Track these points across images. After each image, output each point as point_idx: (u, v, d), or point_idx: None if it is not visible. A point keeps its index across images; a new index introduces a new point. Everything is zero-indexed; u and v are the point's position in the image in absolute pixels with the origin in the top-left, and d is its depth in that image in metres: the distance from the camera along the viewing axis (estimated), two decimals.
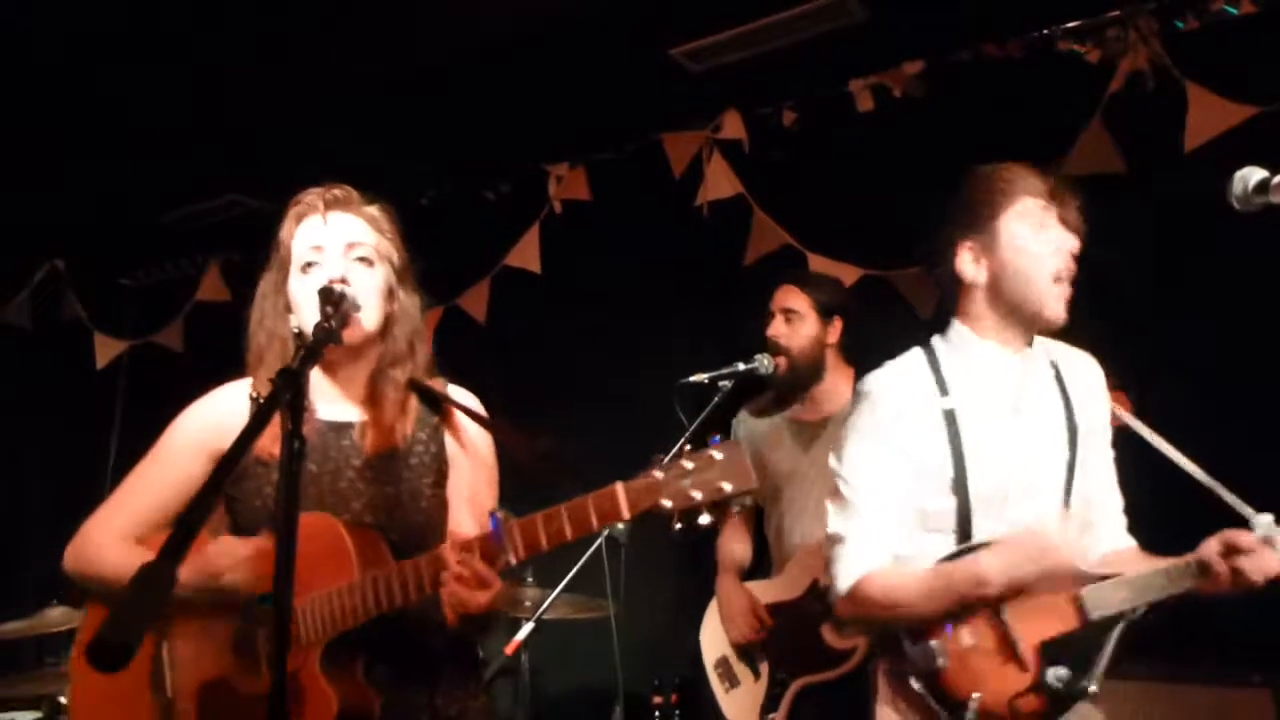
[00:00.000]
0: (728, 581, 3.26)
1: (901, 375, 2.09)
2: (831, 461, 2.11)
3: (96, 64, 3.82)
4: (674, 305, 4.07)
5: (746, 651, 3.18)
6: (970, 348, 2.07)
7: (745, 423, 3.35)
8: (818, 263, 3.73)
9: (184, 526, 1.16)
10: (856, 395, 2.11)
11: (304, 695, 1.64)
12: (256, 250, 2.03)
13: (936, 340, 2.13)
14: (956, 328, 2.10)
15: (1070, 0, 3.42)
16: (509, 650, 2.79)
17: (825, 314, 3.19)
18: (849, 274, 3.66)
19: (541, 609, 2.72)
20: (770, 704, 3.06)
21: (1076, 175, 3.29)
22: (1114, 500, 2.15)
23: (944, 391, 2.04)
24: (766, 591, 3.18)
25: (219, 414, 1.91)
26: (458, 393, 1.99)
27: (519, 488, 1.99)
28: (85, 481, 4.95)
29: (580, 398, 4.21)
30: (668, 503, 1.52)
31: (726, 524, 3.34)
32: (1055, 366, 2.11)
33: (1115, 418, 2.24)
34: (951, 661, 1.91)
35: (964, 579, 1.90)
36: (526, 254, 4.33)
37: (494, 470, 2.00)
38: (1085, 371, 2.15)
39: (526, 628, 2.74)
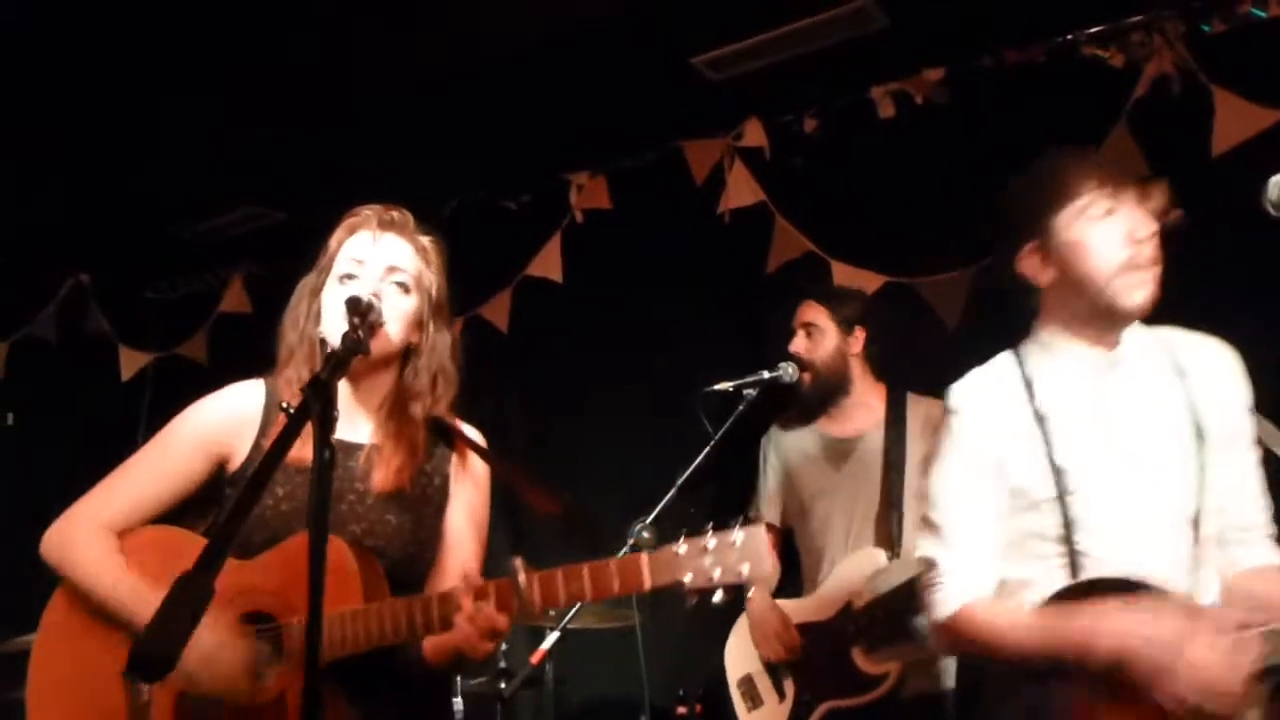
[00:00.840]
0: (760, 597, 3.20)
1: (986, 382, 1.94)
2: (922, 486, 1.99)
3: (119, 77, 3.84)
4: (696, 313, 4.06)
5: (773, 670, 3.14)
6: (1056, 348, 1.91)
7: (776, 438, 3.34)
8: (840, 270, 3.71)
9: (220, 538, 1.16)
10: (945, 411, 1.96)
11: (291, 717, 1.64)
12: (279, 262, 2.04)
13: (1025, 344, 1.97)
14: (1039, 330, 1.94)
15: (1094, 5, 3.39)
16: (534, 660, 2.79)
17: (846, 326, 3.19)
18: (872, 281, 3.64)
19: (566, 618, 2.71)
20: None
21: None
22: (1255, 509, 1.88)
23: (1032, 395, 1.88)
24: (797, 611, 3.14)
25: (226, 413, 1.91)
26: (469, 433, 1.98)
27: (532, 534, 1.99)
28: None
29: (603, 406, 4.20)
30: (688, 578, 1.55)
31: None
32: (1175, 360, 1.90)
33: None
34: (1077, 706, 1.70)
35: (1074, 640, 1.67)
36: (548, 263, 4.33)
37: (488, 508, 2.00)
38: (1215, 364, 1.91)
39: (551, 637, 2.73)
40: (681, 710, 3.52)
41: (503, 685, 3.31)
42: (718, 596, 1.56)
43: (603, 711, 3.85)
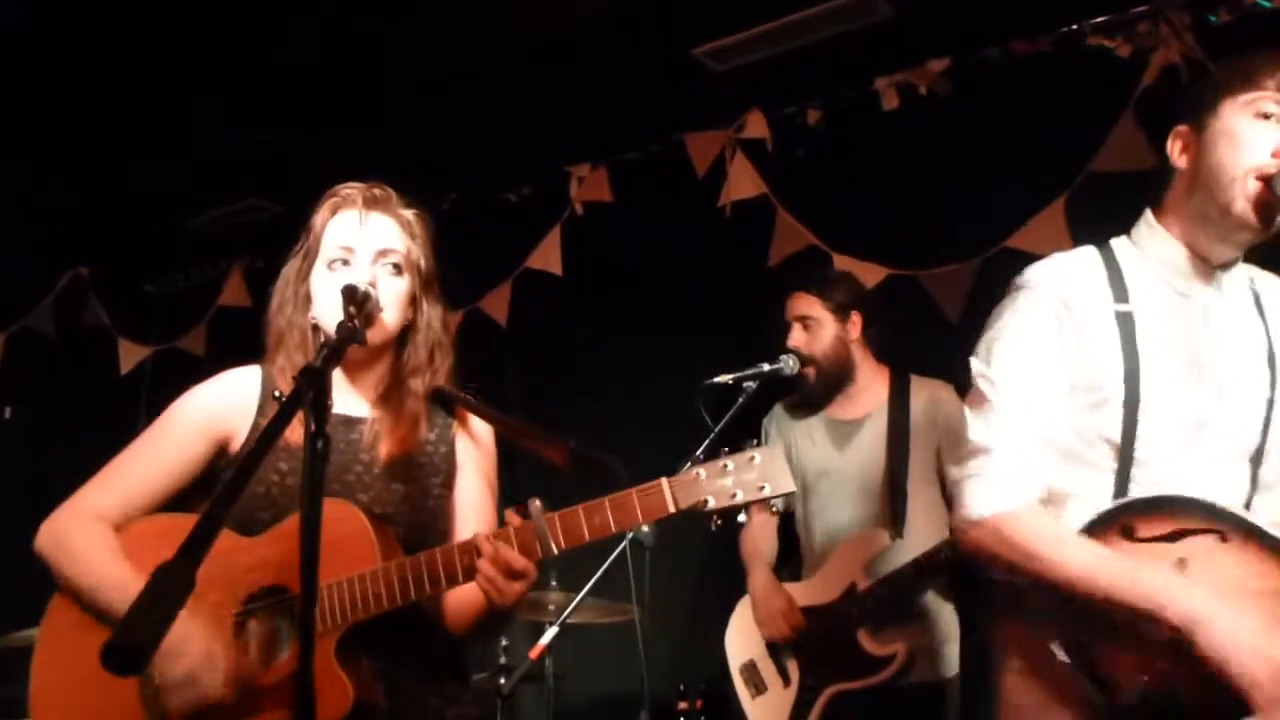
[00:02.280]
0: (763, 577, 3.17)
1: (1070, 268, 1.78)
2: (975, 363, 1.79)
3: (117, 72, 3.82)
4: (697, 306, 4.04)
5: (776, 655, 3.11)
6: (1158, 247, 1.77)
7: (779, 419, 3.32)
8: (843, 263, 3.67)
9: (204, 528, 1.12)
10: (1012, 287, 1.80)
11: (317, 685, 1.61)
12: (279, 255, 2.01)
13: (1117, 241, 1.83)
14: (1146, 222, 1.81)
15: None
16: (533, 655, 2.76)
17: (841, 313, 3.16)
18: (875, 274, 3.61)
19: (565, 613, 2.69)
20: (800, 711, 3.00)
21: (1107, 171, 3.26)
22: None
23: (1120, 296, 1.74)
24: (801, 594, 3.11)
25: (224, 397, 1.89)
26: (471, 401, 1.96)
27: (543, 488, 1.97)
28: None
29: (603, 400, 4.17)
30: (711, 500, 1.55)
31: (751, 519, 3.25)
32: (1255, 292, 1.81)
33: None
34: (1119, 634, 1.57)
35: (1145, 593, 1.53)
36: (548, 256, 4.30)
37: (495, 472, 1.99)
38: None
39: (550, 632, 2.70)
40: (682, 705, 3.50)
41: (502, 681, 3.29)
42: (741, 517, 1.58)
43: (603, 707, 3.83)
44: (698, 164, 3.99)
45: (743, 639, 3.19)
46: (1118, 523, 1.65)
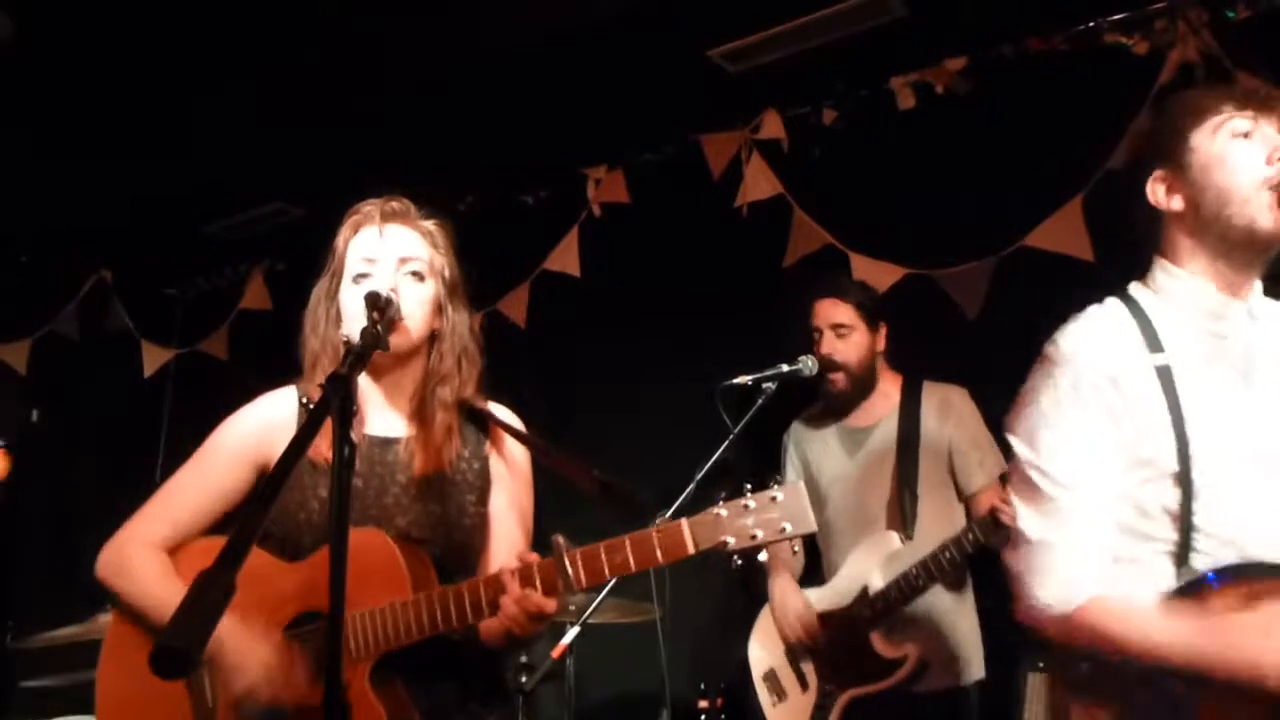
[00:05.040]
0: (783, 582, 3.19)
1: (1101, 330, 1.71)
2: (1018, 447, 1.72)
3: (142, 75, 3.86)
4: (714, 307, 4.05)
5: (795, 661, 3.14)
6: (1182, 290, 1.70)
7: (796, 434, 3.34)
8: (860, 262, 3.68)
9: (241, 534, 1.15)
10: (1045, 360, 1.71)
11: (354, 710, 1.64)
12: (300, 258, 2.04)
13: (1136, 287, 1.77)
14: (1162, 268, 1.74)
15: None
16: (554, 654, 2.78)
17: (873, 322, 3.16)
18: (892, 274, 3.61)
19: (587, 613, 2.71)
20: (818, 716, 3.02)
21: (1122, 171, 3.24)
22: None
23: (1155, 346, 1.66)
24: (818, 600, 3.14)
25: (265, 422, 1.92)
26: (499, 412, 1.99)
27: (565, 508, 2.00)
28: (133, 490, 4.99)
29: (620, 401, 4.19)
30: (731, 540, 1.56)
31: None
32: None
33: None
34: (1208, 705, 1.52)
35: (1242, 662, 1.49)
36: (565, 257, 4.32)
37: (531, 489, 2.01)
38: None
39: (572, 632, 2.72)
40: (703, 704, 3.52)
41: (524, 679, 3.30)
42: (762, 555, 1.58)
43: (624, 706, 3.84)
44: (714, 165, 4.00)
45: (764, 648, 3.22)
46: (1189, 598, 1.59)
